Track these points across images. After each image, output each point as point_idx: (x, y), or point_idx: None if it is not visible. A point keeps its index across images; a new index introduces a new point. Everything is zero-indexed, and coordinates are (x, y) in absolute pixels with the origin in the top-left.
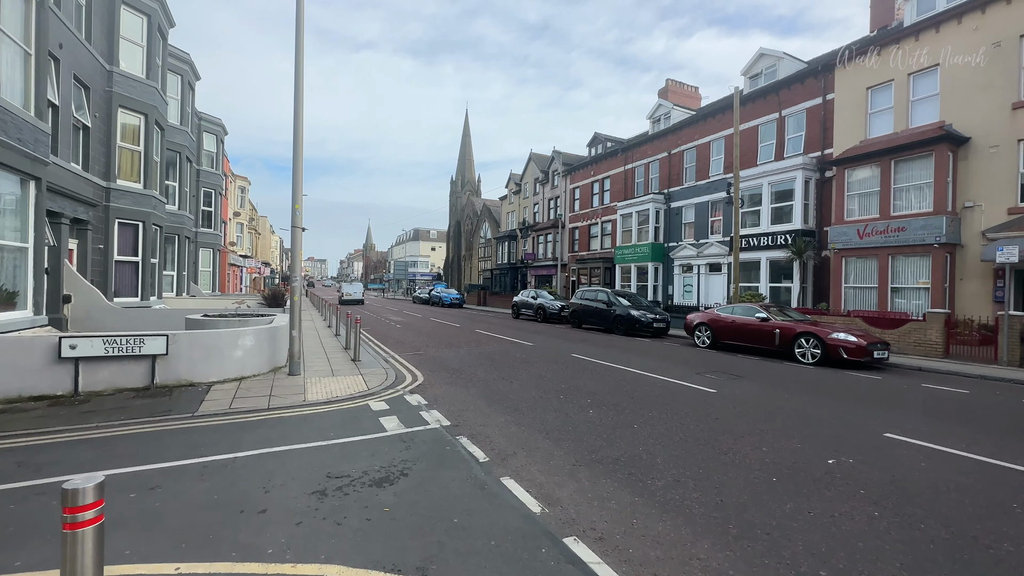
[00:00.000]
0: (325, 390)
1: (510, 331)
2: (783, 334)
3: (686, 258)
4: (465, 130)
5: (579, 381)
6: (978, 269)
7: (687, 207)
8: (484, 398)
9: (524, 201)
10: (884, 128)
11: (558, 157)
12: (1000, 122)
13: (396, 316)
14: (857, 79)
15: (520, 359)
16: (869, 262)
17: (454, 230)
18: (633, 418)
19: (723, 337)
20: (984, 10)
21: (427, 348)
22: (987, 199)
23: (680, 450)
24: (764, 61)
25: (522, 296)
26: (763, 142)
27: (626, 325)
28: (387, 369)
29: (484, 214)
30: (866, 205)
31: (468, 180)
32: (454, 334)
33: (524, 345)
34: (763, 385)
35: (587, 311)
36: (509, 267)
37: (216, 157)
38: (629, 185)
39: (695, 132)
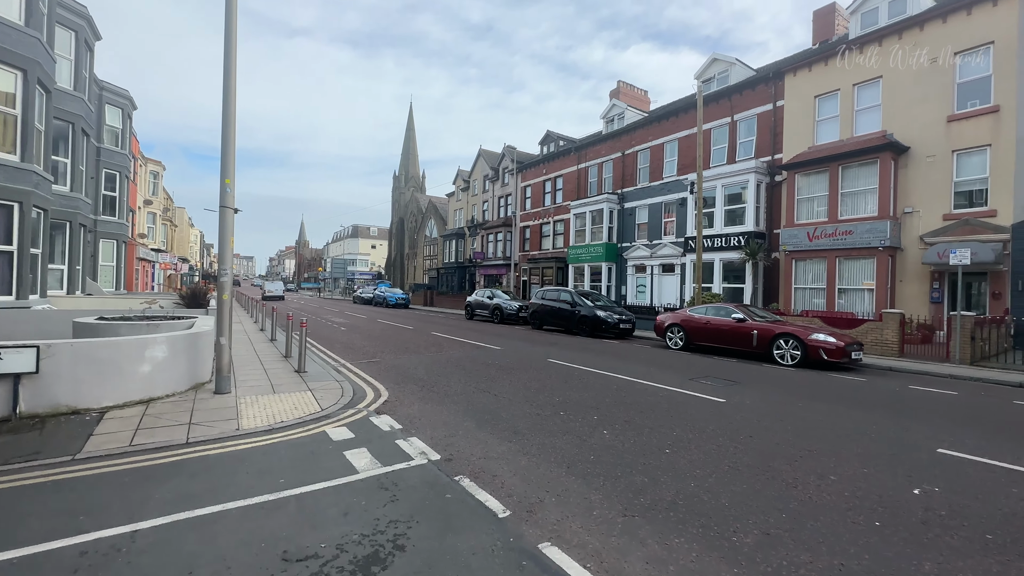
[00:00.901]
0: (266, 413)
1: (470, 333)
2: (761, 335)
3: (639, 258)
4: (409, 124)
5: (571, 392)
6: (916, 271)
7: (640, 208)
8: (471, 417)
9: (473, 198)
10: (831, 135)
11: (509, 154)
12: (936, 133)
13: (338, 317)
14: (806, 87)
15: (494, 366)
16: (818, 264)
17: (397, 227)
18: (657, 439)
19: (697, 339)
20: (922, 27)
21: (382, 354)
22: (924, 206)
23: (739, 484)
24: (717, 66)
25: (476, 296)
26: (716, 145)
27: (591, 326)
28: (341, 382)
29: (430, 211)
30: (815, 209)
31: (412, 176)
32: (409, 337)
33: (491, 349)
34: (765, 391)
35: (549, 312)
36: (457, 266)
37: (122, 135)
38: (582, 184)
39: (649, 133)
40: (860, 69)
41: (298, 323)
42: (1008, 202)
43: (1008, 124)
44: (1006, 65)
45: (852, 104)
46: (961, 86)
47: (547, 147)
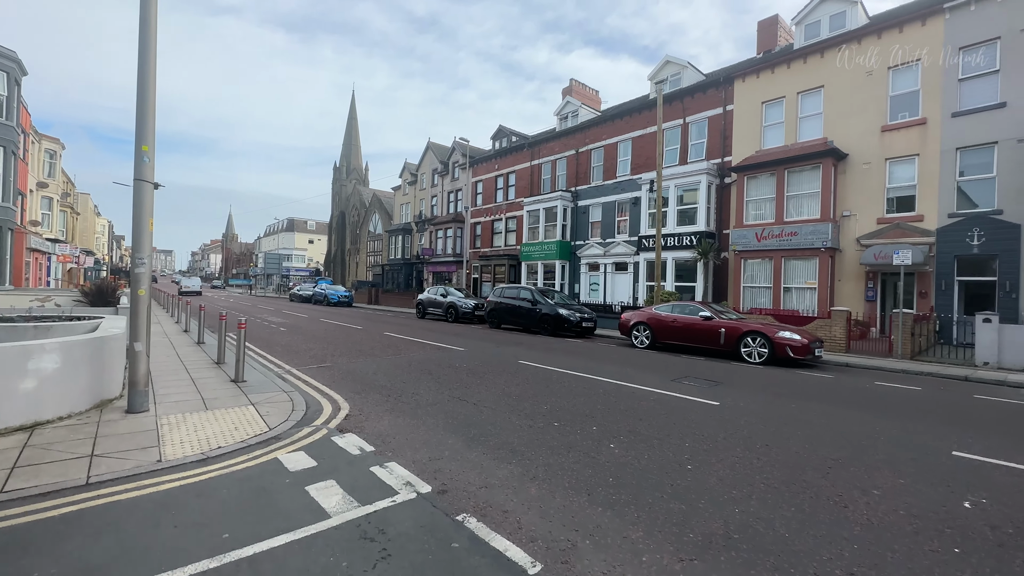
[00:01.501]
0: (197, 436)
1: (426, 333)
2: (729, 334)
3: (593, 257)
4: (351, 113)
5: (557, 398)
6: (853, 271)
7: (594, 206)
8: (455, 433)
9: (421, 192)
10: (777, 140)
11: (460, 148)
12: (872, 142)
13: (276, 317)
14: (754, 93)
15: (464, 370)
16: (765, 263)
17: (338, 221)
18: (672, 453)
19: (663, 337)
20: (860, 41)
21: (333, 358)
22: (860, 210)
23: (787, 507)
24: (669, 68)
25: (428, 294)
26: (668, 146)
27: (554, 324)
28: (290, 392)
29: (374, 205)
30: (763, 211)
31: (355, 167)
32: (360, 338)
33: (454, 351)
34: (750, 392)
35: (508, 310)
36: (403, 263)
37: (8, 103)
38: (536, 181)
39: (603, 132)
40: (804, 78)
41: (234, 324)
42: (934, 208)
43: (934, 136)
44: (932, 81)
45: (796, 111)
46: (894, 98)
47: (499, 142)
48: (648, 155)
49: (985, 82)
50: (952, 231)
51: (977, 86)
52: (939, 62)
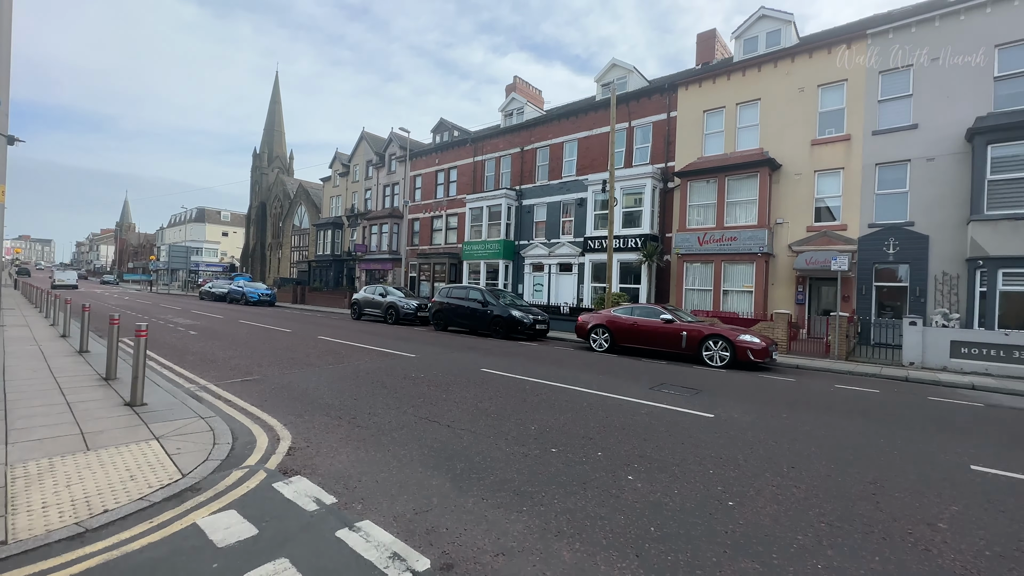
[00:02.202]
0: (71, 495)
1: (367, 337)
2: (691, 337)
3: (537, 257)
4: (275, 96)
5: (542, 415)
6: (785, 276)
7: (539, 205)
8: (436, 469)
9: (354, 185)
10: (717, 148)
11: (398, 140)
12: (803, 154)
13: (184, 318)
14: (696, 101)
15: (423, 381)
16: (706, 267)
17: (257, 212)
18: (701, 484)
19: (623, 340)
20: (793, 59)
21: (262, 368)
22: (792, 217)
23: (871, 558)
24: (615, 72)
25: (366, 294)
26: (614, 148)
27: (506, 327)
28: (209, 419)
29: (300, 197)
30: (704, 215)
31: (278, 155)
32: (292, 343)
33: (405, 357)
34: (735, 401)
35: (456, 311)
36: (333, 259)
37: None
38: (479, 178)
39: (549, 131)
40: (742, 90)
41: (131, 328)
42: (856, 218)
43: (856, 152)
44: (856, 100)
45: (735, 121)
46: (822, 115)
47: (441, 136)
48: (594, 156)
49: (900, 104)
50: (871, 240)
51: (894, 108)
52: (862, 84)
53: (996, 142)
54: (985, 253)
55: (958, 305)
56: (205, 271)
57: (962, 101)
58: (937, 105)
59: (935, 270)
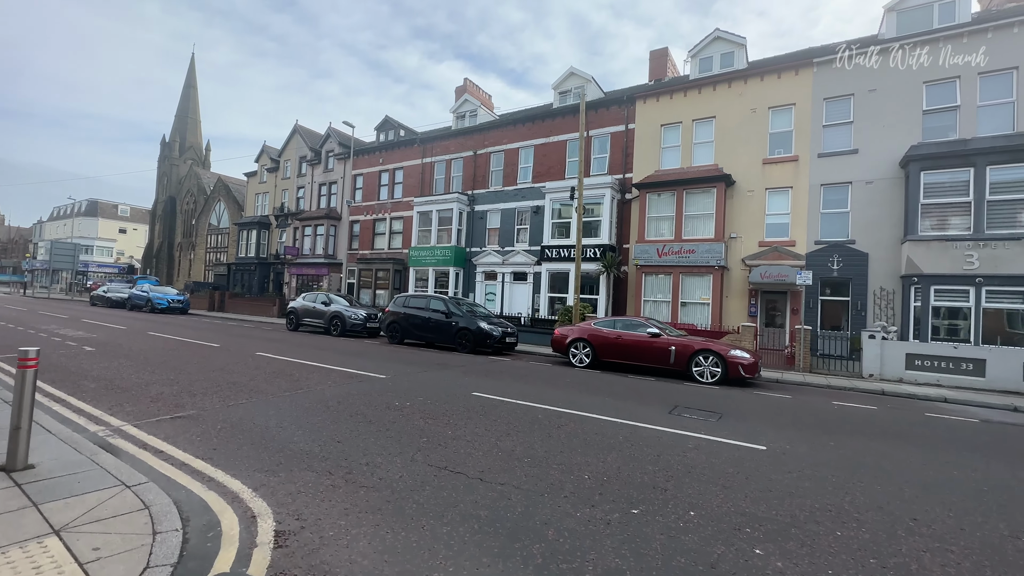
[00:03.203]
0: None
1: (316, 353)
2: (680, 352)
3: (490, 265)
4: (190, 80)
5: (580, 456)
6: (738, 289)
7: (492, 212)
8: (516, 562)
9: (284, 182)
10: (673, 162)
11: (336, 136)
12: (755, 172)
13: (74, 329)
14: (654, 115)
15: (413, 412)
16: (664, 278)
17: (165, 208)
18: (845, 556)
19: (606, 355)
20: (746, 81)
21: (196, 398)
22: (745, 232)
23: None
24: (573, 80)
25: (304, 301)
26: (571, 157)
27: (474, 340)
28: (137, 488)
29: (219, 192)
30: (662, 228)
31: (192, 145)
32: (227, 362)
33: (376, 379)
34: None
35: (413, 322)
36: (258, 262)
37: None
38: (427, 180)
39: (504, 136)
40: (698, 107)
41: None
42: (803, 235)
43: (803, 172)
44: (803, 124)
45: (691, 136)
46: (773, 135)
47: (385, 134)
48: (551, 164)
49: (842, 130)
50: (818, 256)
51: (837, 133)
52: (808, 109)
53: (928, 169)
54: (919, 271)
55: (894, 319)
56: (96, 272)
57: (896, 130)
58: (875, 132)
59: (874, 285)
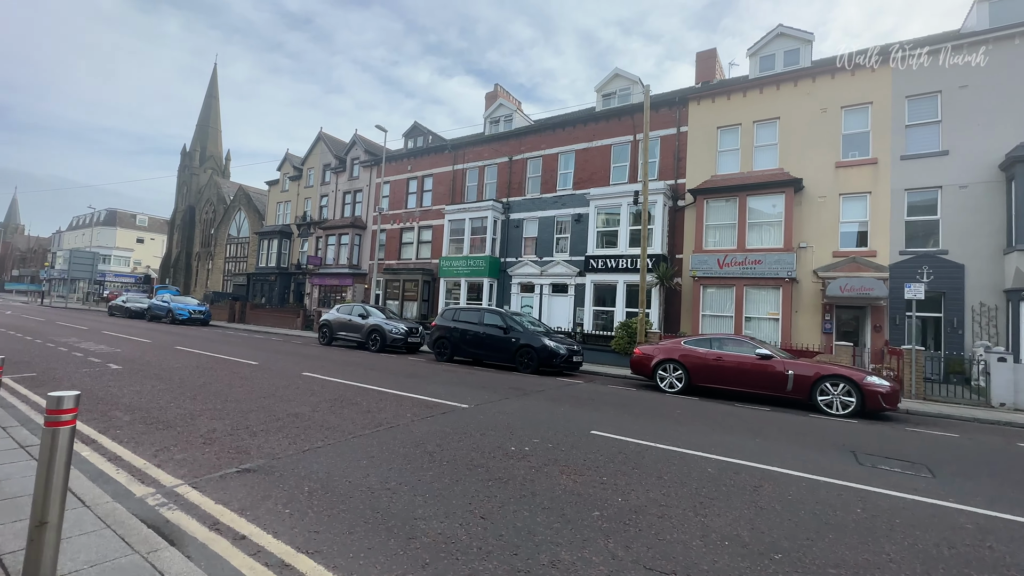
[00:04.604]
0: None
1: (367, 374)
2: (800, 377)
3: (526, 276)
4: (212, 91)
5: (830, 546)
6: (809, 303)
7: (529, 220)
8: None
9: (307, 191)
10: (731, 167)
11: (361, 143)
12: (827, 176)
13: (95, 342)
14: (709, 117)
15: (541, 462)
16: (726, 291)
17: (183, 217)
18: None
19: (702, 379)
20: (814, 79)
21: (257, 437)
22: (816, 242)
23: None
24: (618, 82)
25: (339, 314)
26: (616, 163)
27: (539, 360)
28: None
29: (240, 201)
30: (722, 236)
31: (212, 155)
32: (276, 385)
33: (458, 409)
34: (987, 484)
35: (467, 339)
36: (279, 272)
37: None
38: (459, 188)
39: (541, 141)
40: (759, 108)
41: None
42: (885, 244)
43: (883, 176)
44: (882, 124)
45: (752, 139)
46: (847, 137)
47: (414, 141)
48: (593, 170)
49: (929, 130)
50: (903, 267)
51: (922, 133)
52: (888, 108)
53: None
54: None
55: (998, 337)
56: (114, 282)
57: (994, 129)
58: (968, 132)
59: (972, 300)
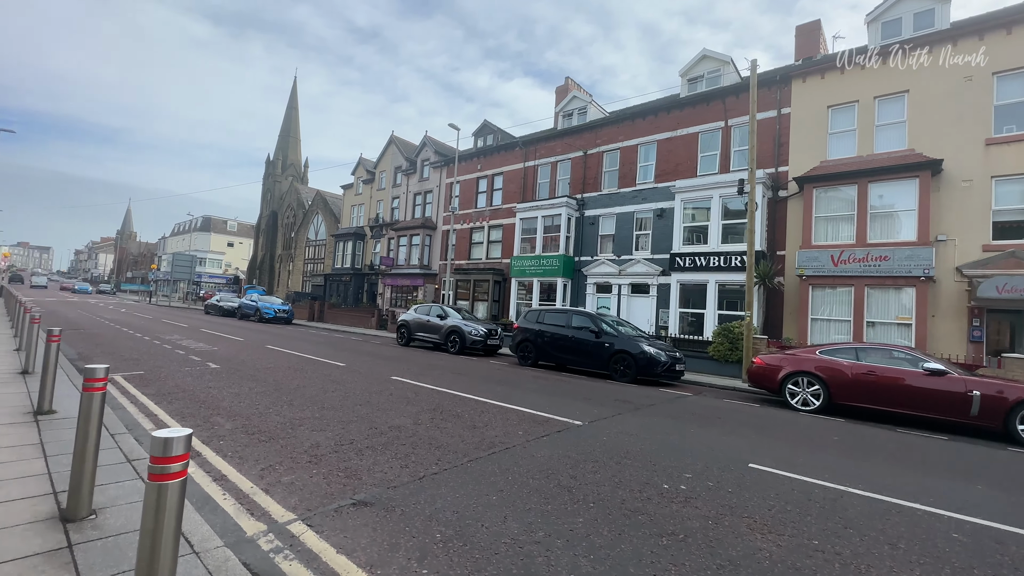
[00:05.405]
0: None
1: (454, 379)
2: (990, 399)
3: (603, 275)
4: (292, 102)
5: None
6: (951, 306)
7: (605, 217)
8: None
9: (379, 193)
10: (845, 150)
11: (431, 144)
12: (973, 157)
13: (194, 340)
14: (818, 96)
15: (707, 506)
16: (842, 292)
17: (268, 222)
18: None
19: (846, 396)
20: (955, 43)
21: (363, 456)
22: (958, 234)
23: None
24: (706, 64)
25: (417, 314)
26: (704, 152)
27: (637, 368)
28: None
29: (317, 205)
30: (836, 230)
31: (292, 163)
32: (368, 391)
33: (571, 427)
34: None
35: (554, 343)
36: (353, 273)
37: None
38: (530, 185)
39: (619, 132)
40: (882, 81)
41: None
42: None
43: None
44: None
45: (872, 118)
46: (999, 108)
47: (483, 140)
48: (678, 161)
49: None
50: None
51: None
52: None
53: None
54: None
55: None
56: (208, 283)
57: None
58: None
59: None
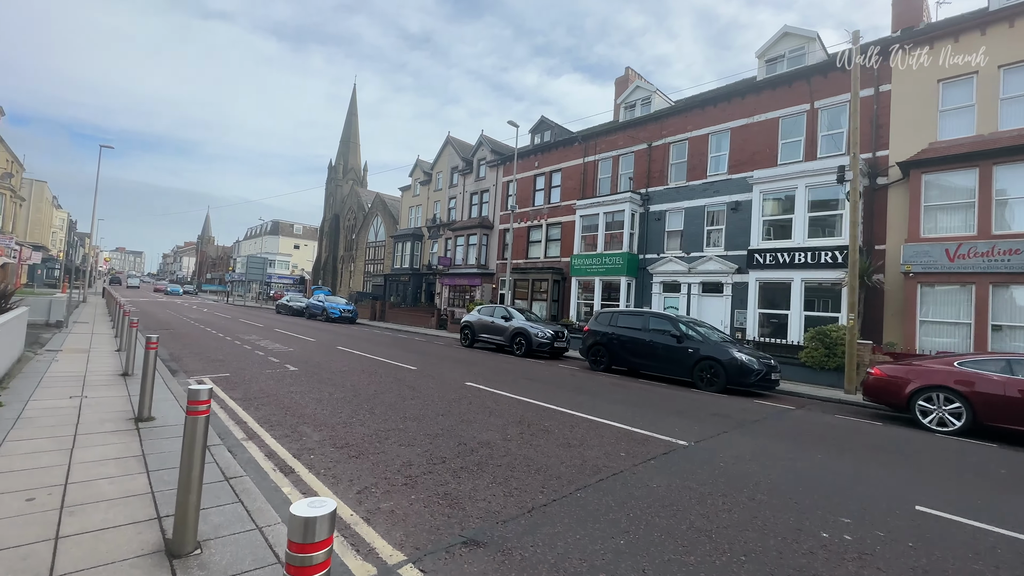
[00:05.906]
0: None
1: (529, 386)
2: None
3: (671, 274)
4: (352, 109)
5: None
6: None
7: (673, 212)
8: None
9: (436, 194)
10: (960, 130)
11: (487, 144)
12: None
13: (271, 340)
14: (925, 69)
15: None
16: (959, 291)
17: (331, 225)
18: None
19: (996, 417)
20: None
21: (462, 480)
22: None
23: None
24: (788, 42)
25: (481, 316)
26: (785, 139)
27: (727, 377)
28: None
29: (377, 207)
30: (949, 220)
31: (352, 167)
32: (446, 399)
33: (678, 448)
34: None
35: (629, 347)
36: (411, 273)
37: None
38: (590, 181)
39: (687, 122)
40: (1007, 47)
41: None
42: None
43: None
44: None
45: (996, 91)
46: None
47: (540, 136)
48: (755, 149)
49: None
50: None
51: None
52: None
53: None
54: None
55: None
56: (277, 283)
57: None
58: None
59: None
